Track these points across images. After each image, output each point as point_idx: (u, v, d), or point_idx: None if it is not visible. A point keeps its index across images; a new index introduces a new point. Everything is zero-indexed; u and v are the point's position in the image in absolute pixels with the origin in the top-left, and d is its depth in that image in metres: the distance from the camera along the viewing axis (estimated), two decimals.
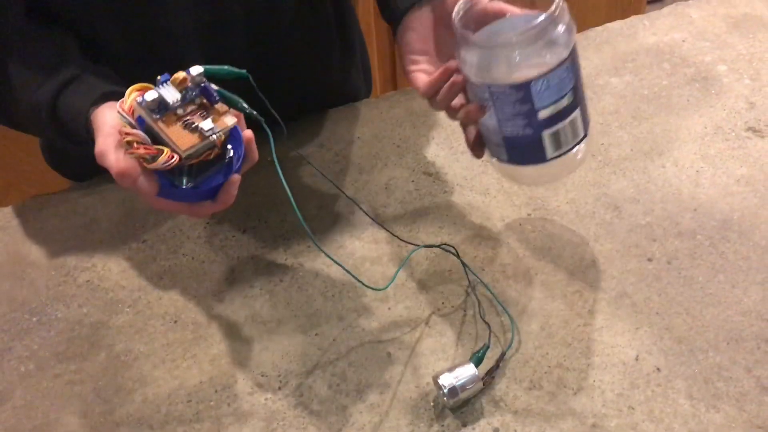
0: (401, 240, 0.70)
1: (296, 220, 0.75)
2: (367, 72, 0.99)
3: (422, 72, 0.65)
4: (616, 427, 0.57)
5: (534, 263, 0.70)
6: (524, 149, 0.61)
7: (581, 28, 1.00)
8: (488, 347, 0.62)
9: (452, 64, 0.60)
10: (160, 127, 0.54)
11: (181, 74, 0.54)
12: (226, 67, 0.57)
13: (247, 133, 0.58)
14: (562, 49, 0.57)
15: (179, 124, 0.55)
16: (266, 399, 0.61)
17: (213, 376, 0.63)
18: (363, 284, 0.64)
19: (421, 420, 0.59)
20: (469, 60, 0.59)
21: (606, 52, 0.94)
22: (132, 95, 0.55)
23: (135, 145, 0.54)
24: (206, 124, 0.54)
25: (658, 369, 0.61)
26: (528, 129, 0.59)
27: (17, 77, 0.65)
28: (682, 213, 0.73)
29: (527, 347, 0.63)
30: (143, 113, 0.54)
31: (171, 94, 0.54)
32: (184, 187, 0.57)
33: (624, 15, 1.01)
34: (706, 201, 0.74)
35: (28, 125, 0.69)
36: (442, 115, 0.86)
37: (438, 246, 0.71)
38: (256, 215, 0.76)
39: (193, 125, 0.54)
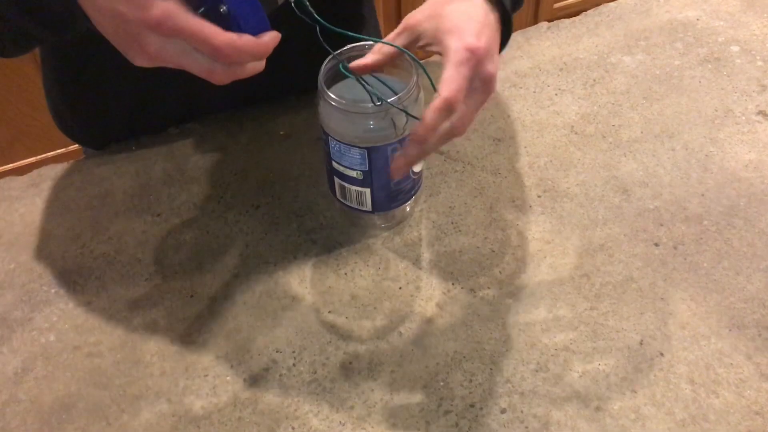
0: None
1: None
2: None
3: None
4: (619, 410, 0.59)
5: (543, 246, 0.71)
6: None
7: (595, 2, 0.99)
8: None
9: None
10: None
11: None
12: None
13: None
14: None
15: None
16: (281, 375, 0.63)
17: (228, 352, 0.65)
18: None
19: (431, 399, 0.61)
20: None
21: (618, 29, 0.94)
22: None
23: None
24: None
25: (662, 354, 0.63)
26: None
27: None
28: (690, 198, 0.74)
29: (534, 330, 0.65)
30: None
31: None
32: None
33: None
34: (713, 186, 0.75)
35: None
36: None
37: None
38: (269, 191, 0.77)
39: None
